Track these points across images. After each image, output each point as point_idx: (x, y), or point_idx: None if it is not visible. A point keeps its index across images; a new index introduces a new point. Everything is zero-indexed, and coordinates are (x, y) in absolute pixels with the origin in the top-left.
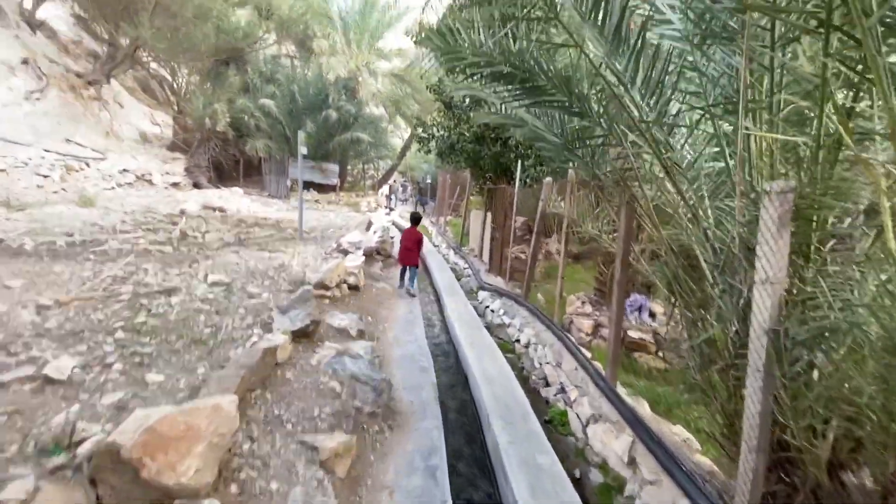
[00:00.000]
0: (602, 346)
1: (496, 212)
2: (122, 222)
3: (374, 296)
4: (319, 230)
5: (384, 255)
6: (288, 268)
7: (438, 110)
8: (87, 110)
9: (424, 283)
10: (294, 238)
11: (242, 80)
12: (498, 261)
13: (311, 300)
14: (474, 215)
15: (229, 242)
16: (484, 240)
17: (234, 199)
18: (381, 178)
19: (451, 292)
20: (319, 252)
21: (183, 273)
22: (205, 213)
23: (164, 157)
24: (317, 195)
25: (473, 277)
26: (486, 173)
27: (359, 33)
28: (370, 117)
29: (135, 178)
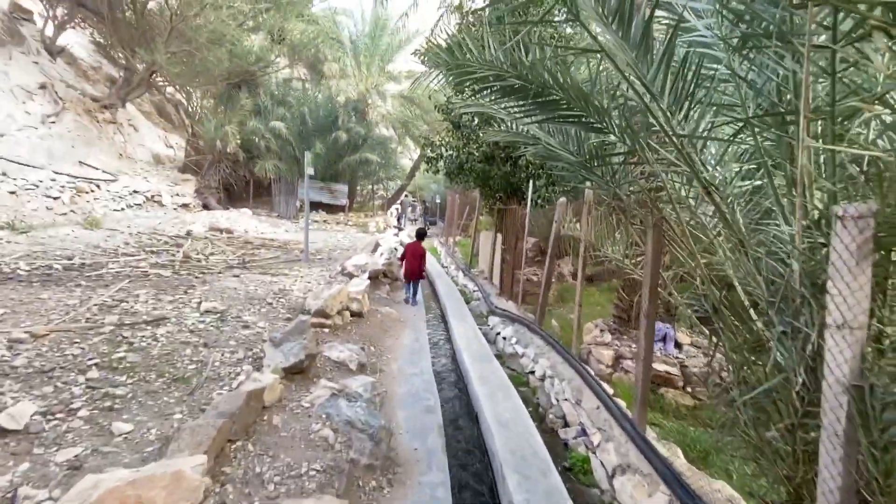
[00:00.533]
0: (625, 380)
1: (507, 233)
2: (126, 244)
3: (378, 322)
4: (326, 252)
5: (391, 277)
6: (288, 293)
7: (447, 130)
8: (101, 133)
9: (430, 300)
10: (300, 260)
11: (254, 103)
12: (509, 284)
13: (307, 331)
14: (483, 236)
15: (232, 265)
16: (494, 262)
17: (242, 220)
18: (391, 199)
19: (459, 317)
20: (324, 275)
21: (176, 300)
22: (211, 234)
23: (175, 178)
24: (325, 216)
25: (483, 301)
26: (496, 193)
27: (368, 56)
28: (379, 138)
29: (145, 200)
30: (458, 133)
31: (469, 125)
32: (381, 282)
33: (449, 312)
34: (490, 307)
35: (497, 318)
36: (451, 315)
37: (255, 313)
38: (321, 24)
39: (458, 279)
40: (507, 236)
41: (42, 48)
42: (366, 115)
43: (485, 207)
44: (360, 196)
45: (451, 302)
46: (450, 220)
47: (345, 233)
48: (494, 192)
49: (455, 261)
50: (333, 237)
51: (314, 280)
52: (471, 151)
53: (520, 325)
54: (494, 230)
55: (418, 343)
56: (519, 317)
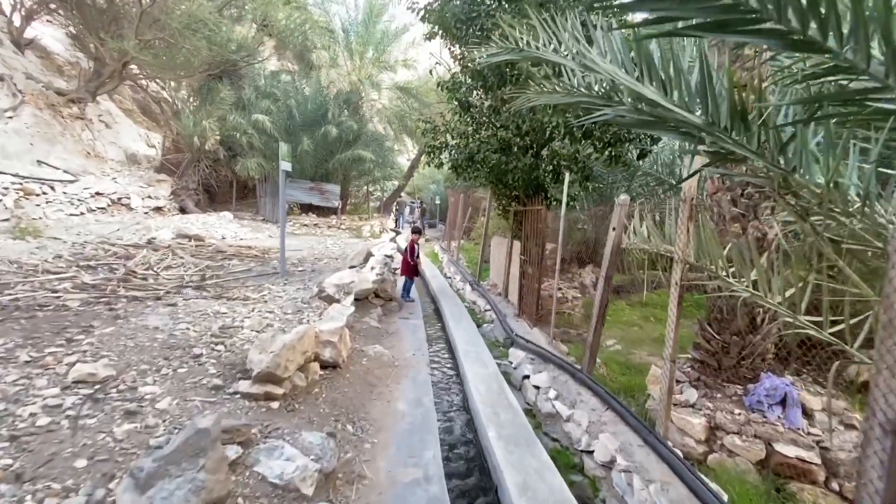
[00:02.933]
0: (728, 465)
1: (527, 240)
2: (59, 258)
3: (363, 373)
4: (310, 262)
5: (384, 297)
6: (235, 333)
7: (452, 111)
8: (66, 130)
9: (432, 320)
10: (276, 273)
11: (237, 96)
12: (531, 303)
13: (210, 449)
14: (496, 244)
15: (185, 284)
16: (510, 274)
17: (220, 224)
18: (387, 200)
19: (474, 358)
20: (296, 299)
21: (39, 358)
22: (178, 242)
23: (150, 179)
24: (316, 219)
25: (499, 324)
26: (513, 192)
27: (362, 45)
28: (374, 134)
29: (109, 203)
30: (468, 117)
31: (481, 106)
32: (371, 304)
33: (460, 349)
34: (509, 333)
35: (521, 353)
36: (463, 353)
37: (167, 377)
38: (310, 11)
39: (465, 294)
40: (527, 244)
41: (8, 40)
42: (359, 108)
43: (497, 209)
44: (354, 197)
45: (462, 332)
46: (452, 222)
47: (336, 238)
48: (511, 189)
49: (460, 270)
50: (322, 244)
51: (281, 307)
52: (483, 140)
53: (557, 368)
54: (510, 236)
55: (420, 409)
56: (555, 357)
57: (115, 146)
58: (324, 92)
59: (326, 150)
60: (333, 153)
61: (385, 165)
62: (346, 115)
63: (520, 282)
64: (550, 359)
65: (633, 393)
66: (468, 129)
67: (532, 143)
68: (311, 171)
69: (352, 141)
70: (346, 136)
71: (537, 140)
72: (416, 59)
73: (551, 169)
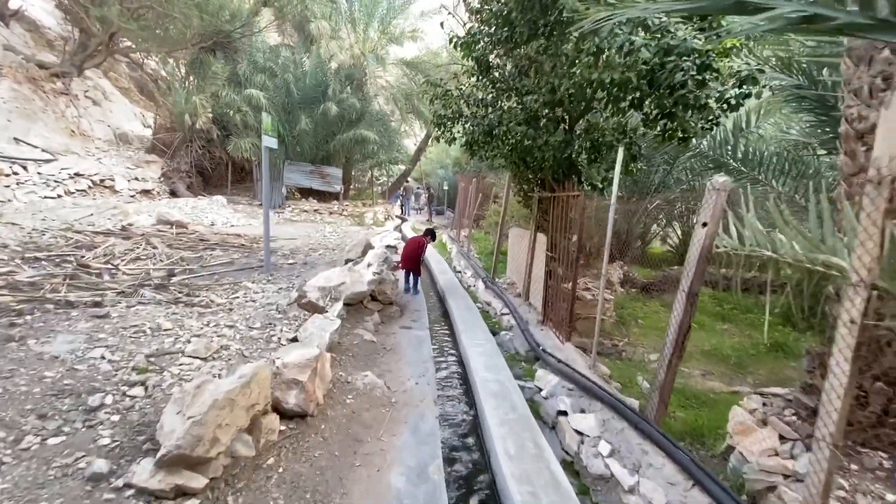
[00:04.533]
0: None
1: (555, 232)
2: (3, 248)
3: (345, 421)
4: (303, 253)
5: (383, 301)
6: (167, 365)
7: (469, 73)
8: (48, 106)
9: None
10: (261, 267)
11: (232, 71)
12: (561, 310)
13: None
14: (515, 236)
15: (145, 283)
16: (532, 273)
17: (211, 209)
18: (393, 185)
19: (498, 394)
20: (272, 305)
21: None
22: (157, 229)
23: (139, 160)
24: (316, 204)
25: (520, 334)
26: (538, 175)
27: (366, 15)
28: (378, 114)
29: (91, 185)
30: (486, 81)
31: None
32: (367, 310)
33: (478, 379)
34: (534, 347)
35: (553, 378)
36: (484, 388)
37: (19, 459)
38: None
39: (478, 292)
40: (555, 238)
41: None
42: (363, 85)
43: (517, 195)
44: (358, 182)
45: (478, 349)
46: (461, 209)
47: (336, 226)
48: (535, 172)
49: (471, 264)
50: (320, 232)
51: (248, 319)
52: (505, 110)
53: (608, 408)
54: (533, 228)
55: (424, 487)
56: (605, 394)
57: (104, 124)
58: (324, 66)
59: (327, 131)
60: (335, 134)
61: (391, 148)
62: (348, 93)
63: (545, 283)
64: (598, 394)
65: (700, 435)
66: (487, 97)
67: (565, 115)
68: (311, 153)
69: (354, 120)
70: (348, 115)
71: (572, 111)
72: (424, 31)
73: (589, 146)
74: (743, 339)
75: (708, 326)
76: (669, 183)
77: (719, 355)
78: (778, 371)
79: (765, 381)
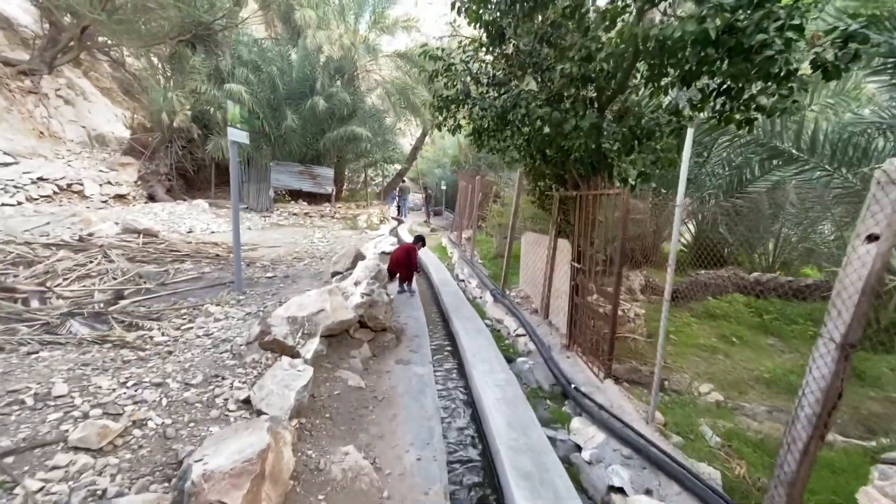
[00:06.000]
0: None
1: (582, 238)
2: None
3: None
4: (285, 264)
5: (374, 327)
6: (22, 461)
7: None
8: (12, 106)
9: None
10: (231, 284)
11: (213, 66)
12: (592, 332)
13: None
14: (530, 242)
15: (84, 309)
16: (553, 287)
17: (191, 215)
18: (388, 186)
19: (533, 475)
20: (227, 343)
21: None
22: (122, 239)
23: (113, 163)
24: (307, 207)
25: (542, 359)
26: (560, 168)
27: (356, 3)
28: (371, 109)
29: (56, 190)
30: (499, 54)
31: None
32: (354, 341)
33: (502, 451)
34: (563, 384)
35: (598, 434)
36: (515, 468)
37: None
38: None
39: (486, 307)
40: (582, 244)
41: None
42: (354, 78)
43: (531, 194)
44: (352, 182)
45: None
46: (462, 210)
47: (326, 230)
48: (558, 165)
49: (476, 272)
50: (308, 238)
51: (187, 369)
52: (522, 89)
53: (691, 495)
54: (553, 232)
55: None
56: (689, 475)
57: (77, 125)
58: (311, 59)
59: (317, 128)
60: (325, 131)
61: (385, 146)
62: (338, 87)
63: (571, 300)
64: (675, 474)
65: None
66: (499, 74)
67: (600, 94)
68: (299, 152)
69: (346, 117)
70: (339, 111)
71: (605, 88)
72: (418, 20)
73: (628, 132)
74: (797, 357)
75: (751, 342)
76: (701, 178)
77: (782, 384)
78: (858, 403)
79: (849, 421)
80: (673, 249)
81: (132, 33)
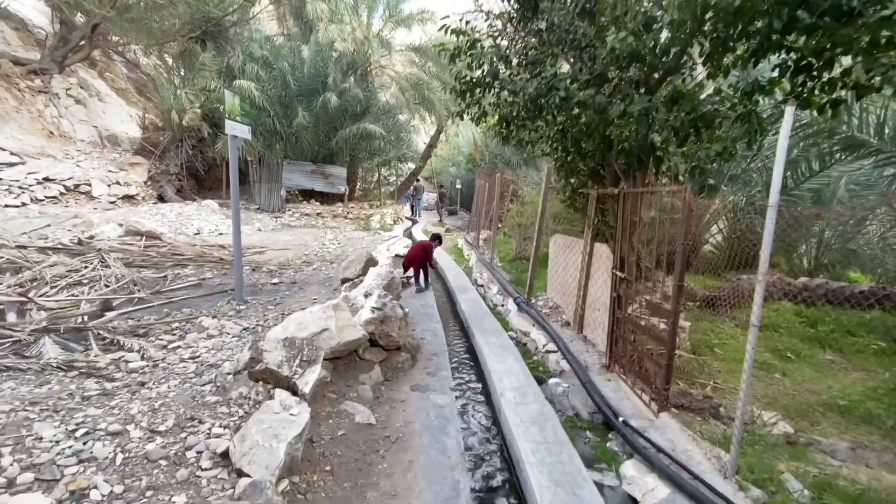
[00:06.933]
0: None
1: (625, 242)
2: None
3: None
4: (293, 269)
5: (387, 346)
6: None
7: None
8: (22, 105)
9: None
10: (232, 291)
11: (223, 63)
12: (636, 351)
13: None
14: (558, 245)
15: (65, 323)
16: (588, 295)
17: (199, 216)
18: (402, 185)
19: None
20: (214, 370)
21: None
22: (124, 241)
23: (123, 163)
24: (319, 207)
25: (578, 382)
26: (599, 162)
27: None
28: (385, 106)
29: (63, 191)
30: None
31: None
32: (363, 362)
33: (526, 457)
34: (609, 416)
35: (661, 487)
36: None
37: None
38: None
39: (510, 317)
40: (624, 248)
41: None
42: (367, 74)
43: (560, 192)
44: (365, 182)
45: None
46: (479, 210)
47: (338, 231)
48: (598, 159)
49: (496, 276)
50: (319, 239)
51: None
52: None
53: None
54: (590, 235)
55: None
56: None
57: (87, 125)
58: (323, 54)
59: (329, 126)
60: (337, 129)
61: (399, 144)
62: (350, 83)
63: (612, 313)
64: None
65: None
66: (530, 53)
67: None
68: (312, 150)
69: (359, 114)
70: (351, 108)
71: (656, 68)
72: (434, 14)
73: (686, 115)
74: (865, 377)
75: (808, 358)
76: (748, 174)
77: (858, 412)
78: None
79: None
80: (763, 261)
81: (142, 31)
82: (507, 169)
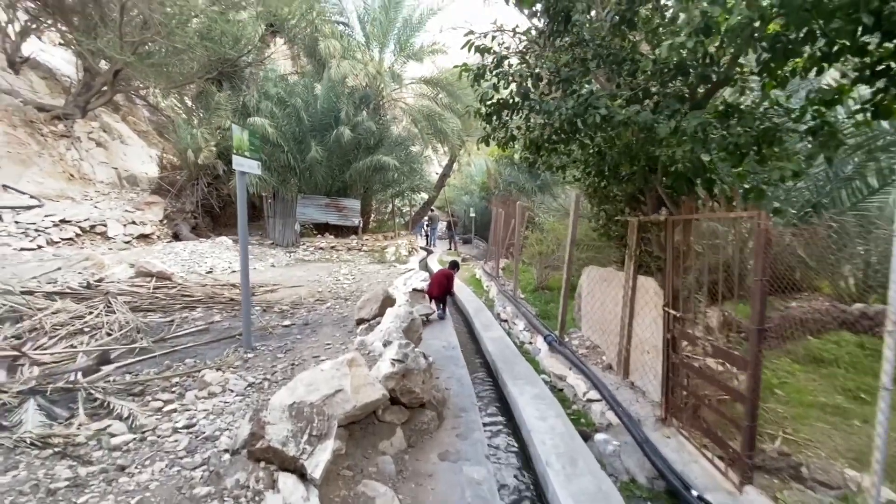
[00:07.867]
0: None
1: (677, 276)
2: None
3: None
4: (306, 307)
5: (410, 404)
6: None
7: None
8: (44, 150)
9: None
10: (239, 338)
11: (239, 102)
12: (702, 405)
13: None
14: (594, 278)
15: (55, 380)
16: (633, 335)
17: (213, 253)
18: (416, 215)
19: None
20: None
21: None
22: (134, 283)
23: (140, 202)
24: (333, 240)
25: (629, 435)
26: (643, 186)
27: (381, 35)
28: (398, 137)
29: (79, 232)
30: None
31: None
32: (383, 426)
33: None
34: (672, 481)
35: None
36: None
37: None
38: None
39: (540, 357)
40: (678, 284)
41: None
42: (379, 107)
43: (593, 219)
44: (379, 213)
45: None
46: (497, 239)
47: (353, 265)
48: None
49: (521, 311)
50: (333, 275)
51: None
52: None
53: None
54: (632, 268)
55: None
56: None
57: (107, 167)
58: (336, 89)
59: (342, 159)
60: (351, 162)
61: (412, 175)
62: (363, 116)
63: (666, 357)
64: None
65: None
66: (564, 70)
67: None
68: (325, 184)
69: (372, 146)
70: (364, 141)
71: (705, 80)
72: (446, 45)
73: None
74: None
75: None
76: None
77: None
78: None
79: None
80: (893, 291)
81: (162, 75)
82: (522, 196)
